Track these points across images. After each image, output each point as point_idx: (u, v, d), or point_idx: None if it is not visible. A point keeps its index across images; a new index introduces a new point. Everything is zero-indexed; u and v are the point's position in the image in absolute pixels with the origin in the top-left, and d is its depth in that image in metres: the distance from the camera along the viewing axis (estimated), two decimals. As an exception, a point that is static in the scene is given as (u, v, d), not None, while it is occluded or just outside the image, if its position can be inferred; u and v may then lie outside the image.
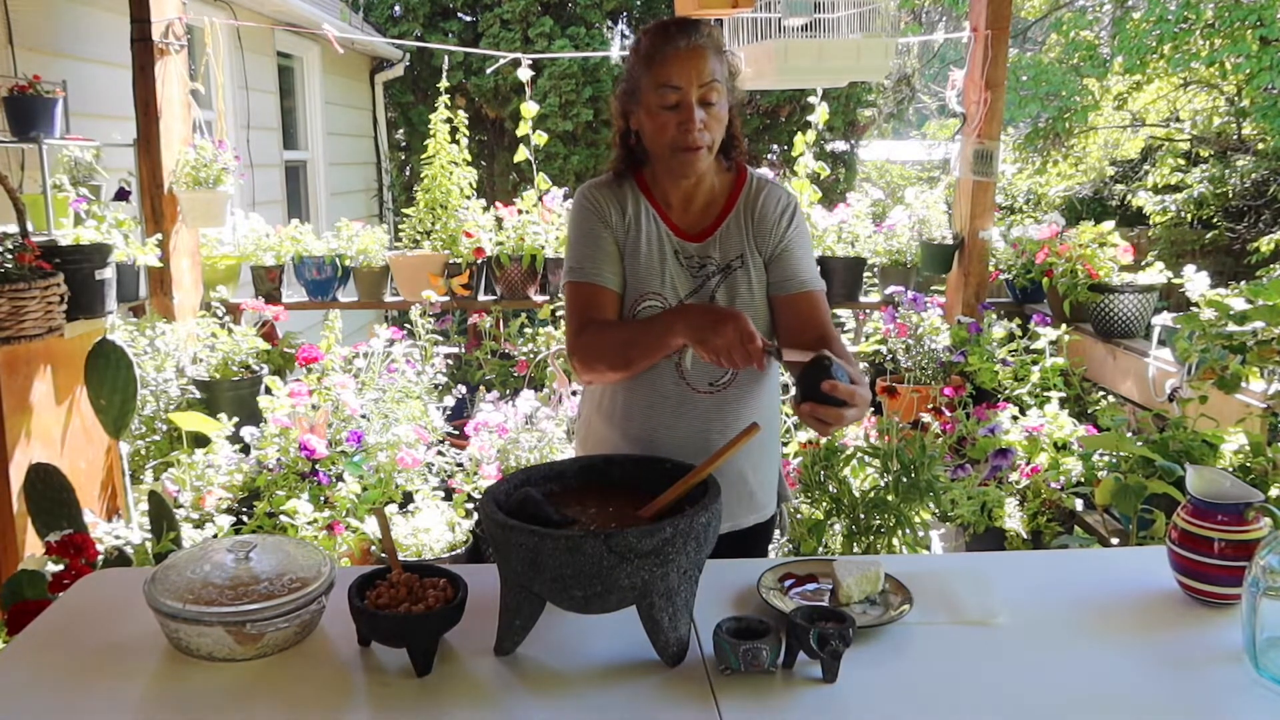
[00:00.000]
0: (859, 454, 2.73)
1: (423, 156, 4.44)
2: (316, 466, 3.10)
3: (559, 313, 4.03)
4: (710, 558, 1.27)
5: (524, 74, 4.33)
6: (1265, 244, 7.86)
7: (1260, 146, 8.66)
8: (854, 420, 1.41)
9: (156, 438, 3.42)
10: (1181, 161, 9.62)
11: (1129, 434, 3.00)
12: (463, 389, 3.93)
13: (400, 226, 4.47)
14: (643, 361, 1.63)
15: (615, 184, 1.74)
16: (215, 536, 2.88)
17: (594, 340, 1.65)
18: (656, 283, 1.68)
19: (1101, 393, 3.71)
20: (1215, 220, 8.99)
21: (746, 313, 1.60)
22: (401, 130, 9.67)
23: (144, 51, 3.64)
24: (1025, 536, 3.04)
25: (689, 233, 1.72)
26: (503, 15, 9.07)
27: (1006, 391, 3.65)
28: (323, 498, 3.05)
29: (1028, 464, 3.18)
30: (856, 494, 2.64)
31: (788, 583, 1.46)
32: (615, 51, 9.73)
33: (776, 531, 2.06)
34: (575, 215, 1.73)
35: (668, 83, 1.59)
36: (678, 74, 1.58)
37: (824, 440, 2.77)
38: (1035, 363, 3.69)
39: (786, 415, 3.48)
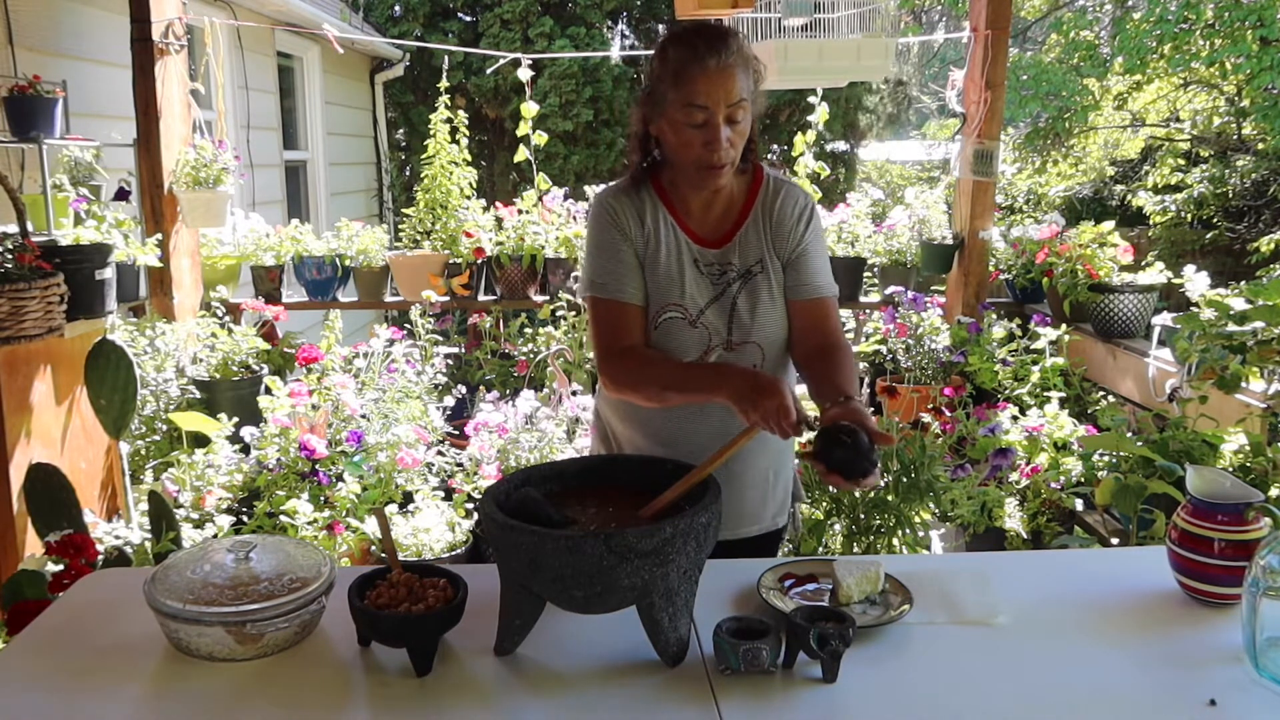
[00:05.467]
0: (859, 454, 2.72)
1: (423, 156, 4.44)
2: (316, 466, 3.10)
3: (559, 313, 4.03)
4: (731, 557, 1.25)
5: (524, 74, 4.33)
6: (1265, 244, 7.86)
7: (1260, 146, 8.66)
8: (867, 487, 1.42)
9: (156, 438, 3.42)
10: (1181, 161, 9.63)
11: (1129, 434, 3.00)
12: (463, 389, 3.93)
13: (400, 226, 4.47)
14: (677, 404, 1.65)
15: (633, 191, 1.70)
16: (215, 536, 2.88)
17: (634, 373, 1.64)
18: (676, 293, 1.67)
19: (1101, 393, 3.71)
20: (1215, 220, 8.99)
21: (768, 317, 1.62)
22: (401, 130, 9.67)
23: (144, 51, 3.64)
24: (1025, 536, 3.04)
25: (708, 239, 1.70)
26: (503, 15, 9.08)
27: (1006, 391, 3.65)
28: (323, 498, 3.05)
29: (1028, 464, 3.18)
30: (856, 494, 2.64)
31: (788, 583, 1.46)
32: (615, 51, 9.73)
33: (790, 528, 2.05)
34: (594, 226, 1.71)
35: (694, 102, 1.54)
36: (706, 94, 1.54)
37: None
38: (1035, 363, 3.69)
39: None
